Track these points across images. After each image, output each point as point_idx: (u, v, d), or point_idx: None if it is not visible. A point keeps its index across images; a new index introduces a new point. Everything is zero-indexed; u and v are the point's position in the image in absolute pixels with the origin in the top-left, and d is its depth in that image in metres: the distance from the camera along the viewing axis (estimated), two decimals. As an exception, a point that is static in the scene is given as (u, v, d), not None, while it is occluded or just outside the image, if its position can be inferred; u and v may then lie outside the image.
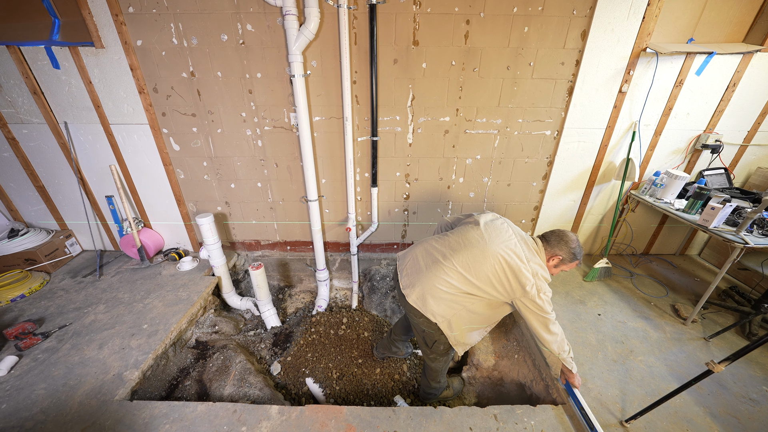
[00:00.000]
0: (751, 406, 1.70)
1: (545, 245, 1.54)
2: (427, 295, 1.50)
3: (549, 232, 1.59)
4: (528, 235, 1.59)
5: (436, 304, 1.50)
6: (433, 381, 1.89)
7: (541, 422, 1.62)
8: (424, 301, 1.51)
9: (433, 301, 1.50)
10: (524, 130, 2.46)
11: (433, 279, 1.50)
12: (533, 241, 1.55)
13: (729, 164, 2.62)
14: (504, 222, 1.61)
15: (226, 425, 1.58)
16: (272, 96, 2.34)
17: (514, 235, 1.53)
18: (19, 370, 1.83)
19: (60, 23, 2.16)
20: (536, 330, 1.46)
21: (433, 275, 1.51)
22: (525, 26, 2.12)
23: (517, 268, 1.42)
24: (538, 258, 1.48)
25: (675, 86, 2.32)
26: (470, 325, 1.57)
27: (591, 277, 2.67)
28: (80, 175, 2.63)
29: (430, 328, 1.57)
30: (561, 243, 1.52)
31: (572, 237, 1.54)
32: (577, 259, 1.53)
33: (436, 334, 1.58)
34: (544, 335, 1.45)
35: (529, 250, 1.49)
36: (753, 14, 2.22)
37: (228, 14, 2.09)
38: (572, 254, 1.51)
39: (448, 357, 1.78)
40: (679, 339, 2.11)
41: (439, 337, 1.59)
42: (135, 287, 2.52)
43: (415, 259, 1.63)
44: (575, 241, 1.53)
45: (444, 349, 1.66)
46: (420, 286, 1.53)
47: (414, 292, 1.53)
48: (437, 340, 1.61)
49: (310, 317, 2.68)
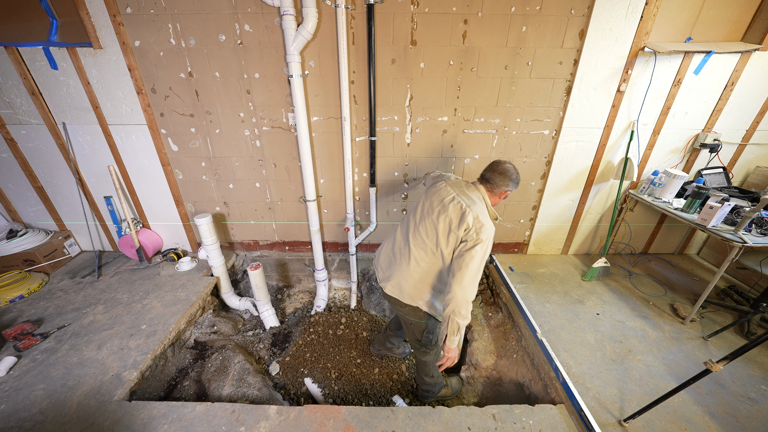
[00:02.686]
0: (749, 405, 1.70)
1: (491, 187, 1.59)
2: (402, 281, 1.59)
3: (488, 171, 1.62)
4: (468, 182, 1.67)
5: (412, 288, 1.57)
6: (427, 376, 1.90)
7: (539, 421, 1.62)
8: (401, 288, 1.59)
9: (407, 285, 1.58)
10: (522, 129, 2.46)
11: (403, 264, 1.60)
12: (474, 188, 1.60)
13: (727, 163, 2.62)
14: (442, 181, 1.68)
15: (224, 425, 1.58)
16: (270, 96, 2.34)
17: (451, 188, 1.60)
18: (17, 371, 1.83)
19: (58, 24, 2.17)
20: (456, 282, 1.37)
21: (403, 261, 1.61)
22: (523, 26, 2.12)
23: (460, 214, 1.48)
24: (479, 203, 1.53)
25: (673, 85, 2.32)
26: None
27: (590, 276, 2.67)
28: (79, 175, 2.63)
29: (415, 317, 1.63)
30: (505, 179, 1.57)
31: (509, 167, 1.59)
32: (518, 183, 1.61)
33: (423, 322, 1.64)
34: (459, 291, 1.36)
35: (469, 198, 1.54)
36: (751, 13, 2.21)
37: (226, 14, 2.09)
38: (515, 182, 1.59)
39: (438, 348, 1.79)
40: (678, 338, 2.11)
41: (426, 325, 1.65)
42: (134, 288, 2.52)
43: (387, 253, 1.73)
44: (512, 170, 1.59)
45: (433, 339, 1.72)
46: (394, 276, 1.63)
47: (389, 283, 1.62)
48: (425, 328, 1.67)
49: (308, 317, 2.68)
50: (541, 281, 2.65)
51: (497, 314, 2.56)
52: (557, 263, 2.91)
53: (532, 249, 3.01)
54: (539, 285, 2.60)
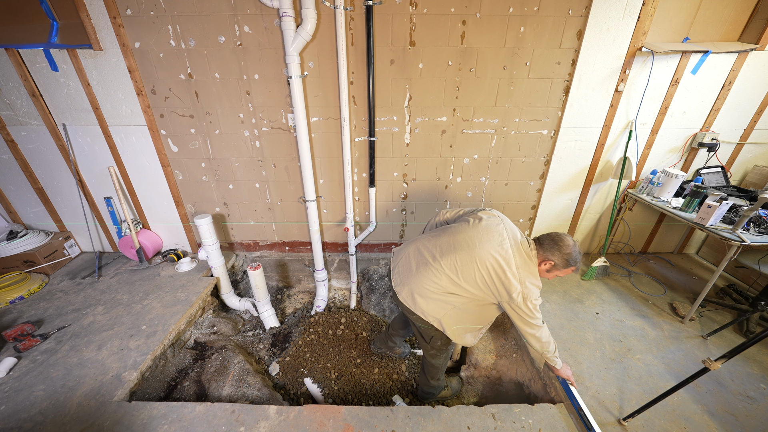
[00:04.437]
0: (748, 403, 1.70)
1: (539, 249, 1.47)
2: (415, 294, 1.52)
3: (545, 235, 1.51)
4: (524, 236, 1.55)
5: (426, 304, 1.51)
6: (433, 379, 1.89)
7: (539, 421, 1.62)
8: (414, 299, 1.52)
9: (422, 300, 1.51)
10: (521, 129, 2.47)
11: (421, 280, 1.51)
12: (528, 244, 1.49)
13: (726, 162, 2.63)
14: (500, 223, 1.55)
15: (224, 425, 1.58)
16: (270, 97, 2.35)
17: (507, 238, 1.48)
18: (17, 372, 1.83)
19: (58, 26, 2.18)
20: (522, 331, 1.48)
21: (422, 276, 1.51)
22: (521, 26, 2.13)
23: (503, 275, 1.39)
24: (530, 263, 1.44)
25: (671, 85, 2.33)
26: (462, 325, 1.57)
27: (589, 275, 2.67)
28: (79, 176, 2.64)
29: (424, 325, 1.58)
30: (554, 248, 1.43)
31: (568, 242, 1.44)
32: (571, 266, 1.44)
33: (431, 330, 1.59)
34: (529, 338, 1.49)
35: (520, 255, 1.44)
36: (748, 13, 2.22)
37: (225, 16, 2.10)
38: (566, 261, 1.42)
39: (447, 353, 1.77)
40: (677, 337, 2.11)
41: (435, 333, 1.60)
42: (134, 288, 2.52)
43: (407, 258, 1.63)
44: (571, 246, 1.43)
45: (442, 344, 1.67)
46: (409, 285, 1.54)
47: (404, 290, 1.56)
48: (434, 335, 1.62)
49: (308, 317, 2.68)
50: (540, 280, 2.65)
51: (497, 314, 2.56)
52: (556, 263, 2.91)
53: (532, 249, 3.01)
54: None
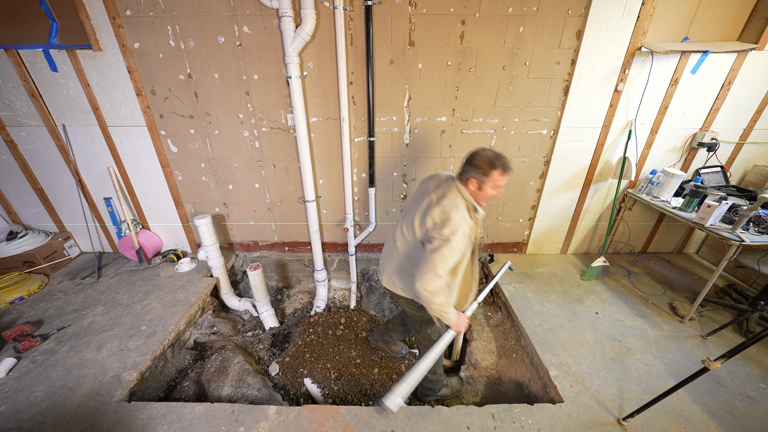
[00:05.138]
0: (748, 403, 1.70)
1: (460, 178, 1.47)
2: (392, 275, 1.64)
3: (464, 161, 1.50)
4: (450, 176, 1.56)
5: (401, 280, 1.62)
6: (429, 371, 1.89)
7: (538, 421, 1.62)
8: (392, 281, 1.64)
9: (397, 278, 1.63)
10: (521, 129, 2.47)
11: (391, 258, 1.65)
12: (452, 181, 1.50)
13: (725, 162, 2.63)
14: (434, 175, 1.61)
15: (224, 426, 1.58)
16: (269, 97, 2.35)
17: (436, 180, 1.56)
18: (17, 372, 1.83)
19: (58, 26, 2.18)
20: (419, 271, 1.39)
21: (390, 255, 1.66)
22: (520, 26, 2.13)
23: (429, 210, 1.44)
24: (456, 194, 1.45)
25: (670, 85, 2.33)
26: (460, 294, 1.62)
27: (589, 275, 2.67)
28: (78, 177, 2.64)
29: (411, 308, 1.67)
30: (467, 166, 1.43)
31: (477, 151, 1.43)
32: (495, 168, 1.38)
33: (419, 314, 1.66)
34: (422, 278, 1.37)
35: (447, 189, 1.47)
36: (747, 13, 2.22)
37: (225, 16, 2.10)
38: (482, 167, 1.38)
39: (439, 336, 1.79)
40: (677, 337, 2.11)
41: (423, 317, 1.67)
42: (133, 289, 2.52)
43: (385, 247, 1.79)
44: (480, 152, 1.40)
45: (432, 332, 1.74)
46: (386, 269, 1.68)
47: (384, 276, 1.70)
48: (422, 321, 1.70)
49: (308, 318, 2.68)
50: (540, 281, 2.66)
51: (497, 314, 2.56)
52: (556, 263, 2.91)
53: (531, 248, 3.01)
54: (538, 284, 2.61)
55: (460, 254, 1.40)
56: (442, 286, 1.38)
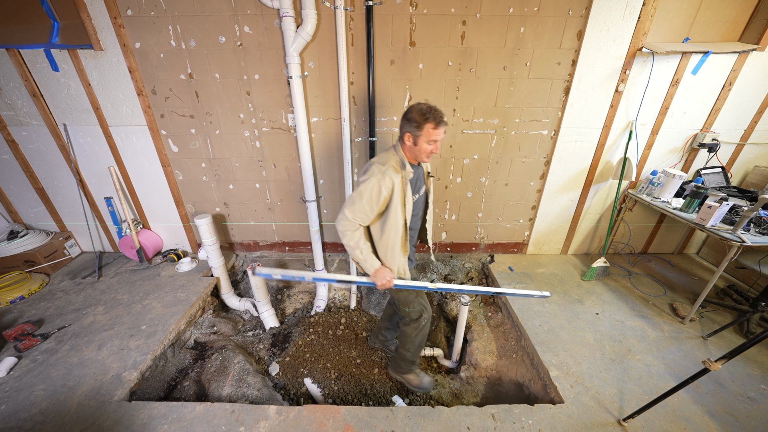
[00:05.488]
0: (749, 404, 1.70)
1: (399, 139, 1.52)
2: None
3: None
4: None
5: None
6: (403, 348, 1.94)
7: (538, 421, 1.62)
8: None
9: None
10: (521, 129, 2.47)
11: None
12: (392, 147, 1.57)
13: (726, 163, 2.63)
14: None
15: (224, 425, 1.59)
16: (270, 97, 2.35)
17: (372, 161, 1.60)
18: (18, 372, 1.83)
19: (59, 26, 2.18)
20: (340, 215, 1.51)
21: None
22: (521, 27, 2.13)
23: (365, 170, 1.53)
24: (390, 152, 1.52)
25: (671, 85, 2.33)
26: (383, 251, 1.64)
27: (589, 276, 2.67)
28: (79, 176, 2.64)
29: None
30: (402, 121, 1.47)
31: (412, 105, 1.45)
32: (427, 121, 1.39)
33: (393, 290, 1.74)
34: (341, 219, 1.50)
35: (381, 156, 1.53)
36: (748, 13, 2.22)
37: (226, 16, 2.11)
38: (414, 120, 1.41)
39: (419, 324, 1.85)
40: (677, 338, 2.11)
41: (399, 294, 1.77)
42: (134, 288, 2.53)
43: None
44: (413, 107, 1.43)
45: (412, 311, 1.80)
46: None
47: None
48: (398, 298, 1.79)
49: (308, 318, 2.68)
50: (541, 281, 2.66)
51: (497, 314, 2.56)
52: (557, 263, 2.91)
53: (532, 249, 3.01)
54: (539, 285, 2.61)
55: (369, 202, 1.45)
56: (351, 230, 1.51)
